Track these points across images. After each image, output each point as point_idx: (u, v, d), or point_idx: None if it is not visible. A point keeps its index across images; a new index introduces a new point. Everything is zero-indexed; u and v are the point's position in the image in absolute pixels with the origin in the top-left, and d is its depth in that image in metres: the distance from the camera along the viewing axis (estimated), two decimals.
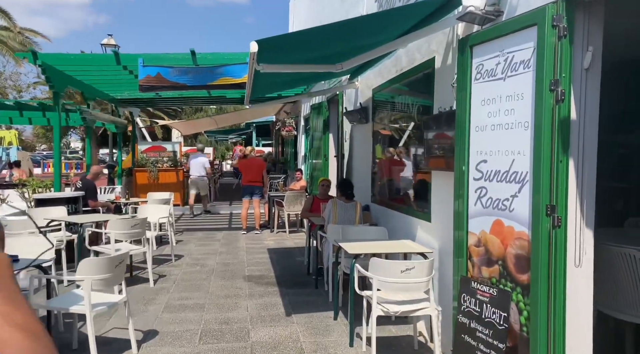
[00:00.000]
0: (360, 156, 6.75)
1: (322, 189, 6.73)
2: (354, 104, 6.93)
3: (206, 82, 8.14)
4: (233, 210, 12.86)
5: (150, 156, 13.16)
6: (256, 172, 9.41)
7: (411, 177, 4.87)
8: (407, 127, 4.99)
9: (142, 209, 6.82)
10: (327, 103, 9.18)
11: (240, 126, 28.64)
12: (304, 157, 12.93)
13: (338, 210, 5.45)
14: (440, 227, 3.97)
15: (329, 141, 9.27)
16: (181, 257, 7.19)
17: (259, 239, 8.84)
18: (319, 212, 6.35)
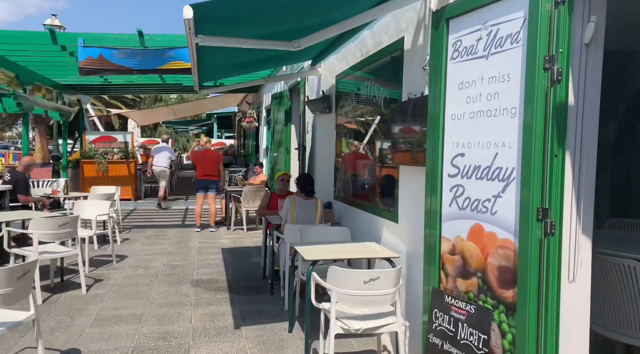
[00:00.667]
0: (323, 149, 6.26)
1: (281, 185, 6.19)
2: (317, 93, 6.41)
3: (155, 66, 7.43)
4: (189, 205, 12.14)
5: (99, 147, 12.24)
6: (212, 165, 8.76)
7: (377, 172, 4.41)
8: (373, 118, 4.52)
9: (79, 205, 6.09)
10: (289, 92, 8.63)
11: (201, 117, 27.64)
12: (266, 149, 12.34)
13: (297, 208, 4.93)
14: (409, 228, 3.52)
15: (290, 133, 8.74)
16: (124, 258, 6.51)
17: (214, 237, 8.23)
18: (277, 210, 5.82)
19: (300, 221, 4.90)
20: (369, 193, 4.65)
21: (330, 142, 5.77)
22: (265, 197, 6.24)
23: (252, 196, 8.71)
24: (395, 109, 3.59)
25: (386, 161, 4.16)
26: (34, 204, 6.83)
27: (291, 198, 5.01)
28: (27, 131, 8.76)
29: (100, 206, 6.07)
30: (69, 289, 5.04)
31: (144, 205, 12.05)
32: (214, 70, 5.29)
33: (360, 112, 4.90)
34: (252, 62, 5.27)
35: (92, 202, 6.26)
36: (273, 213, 5.84)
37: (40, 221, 4.56)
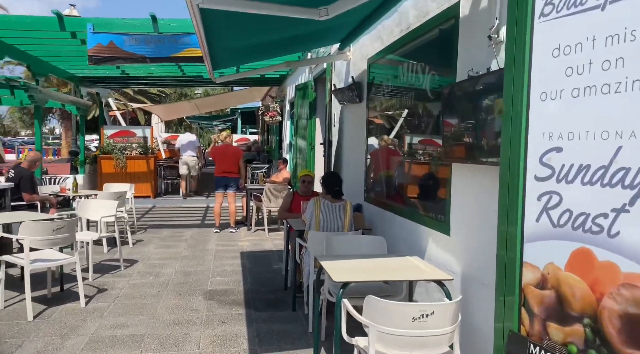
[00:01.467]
0: (352, 144, 5.55)
1: (303, 186, 5.50)
2: (345, 80, 5.70)
3: (169, 53, 6.85)
4: (210, 203, 11.60)
5: (118, 142, 11.82)
6: (231, 161, 8.16)
7: (419, 171, 3.69)
8: (415, 106, 3.78)
9: (83, 206, 5.55)
10: (314, 82, 7.95)
11: (226, 112, 27.23)
12: (289, 145, 11.70)
13: (322, 212, 4.25)
14: (466, 244, 2.79)
15: (315, 127, 8.06)
16: (134, 263, 5.95)
17: (233, 239, 7.63)
18: (300, 212, 5.16)
19: (326, 226, 4.21)
20: (409, 196, 3.92)
21: (361, 135, 5.06)
22: (286, 198, 5.57)
23: (273, 195, 8.07)
24: (449, 91, 2.85)
25: (431, 158, 3.43)
26: (41, 203, 6.35)
27: (316, 200, 4.32)
28: (40, 125, 8.33)
29: (107, 206, 5.51)
30: (67, 301, 4.48)
31: (163, 202, 11.58)
32: (228, 54, 4.65)
33: (398, 99, 4.17)
34: (271, 44, 4.60)
35: (98, 202, 5.72)
36: (295, 216, 5.19)
37: (31, 225, 4.00)
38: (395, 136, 4.29)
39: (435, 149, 3.36)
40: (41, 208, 6.27)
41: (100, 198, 6.50)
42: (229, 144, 8.51)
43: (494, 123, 2.29)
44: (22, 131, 47.90)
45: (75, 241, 4.34)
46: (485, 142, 2.47)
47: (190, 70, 10.69)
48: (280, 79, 12.35)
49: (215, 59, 4.62)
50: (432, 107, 3.41)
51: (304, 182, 5.51)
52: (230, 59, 5.00)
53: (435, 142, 3.39)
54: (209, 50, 4.31)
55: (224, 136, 8.52)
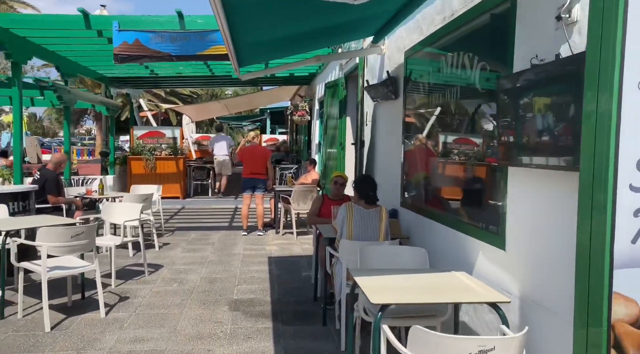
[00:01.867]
0: (386, 144, 5.19)
1: (335, 189, 5.17)
2: (379, 76, 5.34)
3: (195, 51, 6.63)
4: (239, 204, 11.41)
5: (147, 143, 11.77)
6: (259, 162, 7.90)
7: (466, 174, 3.30)
8: (460, 102, 3.39)
9: (107, 209, 5.37)
10: (345, 80, 7.61)
11: (255, 112, 27.17)
12: (318, 145, 11.39)
13: (355, 218, 3.90)
14: (525, 260, 2.40)
15: (345, 126, 7.72)
16: (159, 268, 5.75)
17: (261, 242, 7.36)
18: (330, 217, 4.84)
19: (359, 235, 3.86)
20: (452, 202, 3.54)
21: (396, 135, 4.69)
22: (316, 202, 5.25)
23: (302, 197, 7.78)
24: (507, 84, 2.46)
25: (478, 160, 3.04)
26: (66, 205, 6.23)
27: (348, 206, 3.98)
28: (69, 126, 8.29)
29: (131, 209, 5.32)
30: (88, 310, 4.29)
31: (192, 203, 11.47)
32: (254, 49, 4.36)
33: (439, 95, 3.78)
34: (299, 37, 4.29)
35: (122, 205, 5.54)
36: (325, 221, 4.86)
37: (49, 231, 3.81)
38: (436, 134, 3.91)
39: (483, 149, 2.97)
40: (66, 211, 6.16)
41: (126, 201, 6.34)
42: (257, 145, 8.26)
43: (567, 119, 1.90)
44: (60, 132, 49.26)
45: (95, 248, 4.13)
46: (553, 141, 2.08)
47: (219, 69, 10.53)
48: (310, 78, 12.07)
49: (240, 55, 4.35)
50: (481, 103, 3.02)
51: (336, 184, 5.18)
52: (257, 54, 4.72)
53: (481, 142, 2.99)
54: (234, 46, 4.04)
55: (252, 136, 8.28)
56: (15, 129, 6.54)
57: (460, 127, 3.45)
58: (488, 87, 2.88)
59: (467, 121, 3.28)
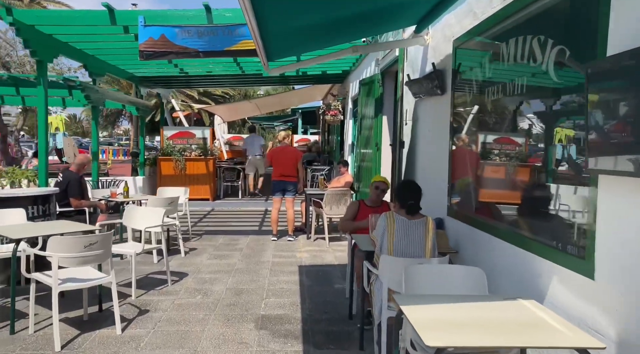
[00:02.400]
0: (430, 145, 4.67)
1: (375, 195, 4.69)
2: (421, 70, 4.83)
3: (223, 46, 6.27)
4: (269, 206, 11.07)
5: (177, 143, 11.58)
6: (289, 163, 7.50)
7: (535, 182, 2.77)
8: (525, 96, 2.86)
9: (128, 214, 5.06)
10: (381, 76, 7.11)
11: (286, 112, 26.92)
12: (351, 146, 10.92)
13: (397, 230, 3.41)
14: (623, 294, 1.87)
15: (381, 126, 7.22)
16: (183, 277, 5.41)
17: (291, 249, 6.95)
18: (367, 226, 4.37)
19: (401, 250, 3.37)
20: (516, 213, 3.01)
21: (442, 134, 4.17)
22: (351, 208, 4.78)
23: (335, 201, 7.33)
24: (600, 70, 1.93)
25: (551, 165, 2.51)
26: (90, 209, 5.99)
27: (388, 216, 3.49)
28: (97, 125, 8.10)
29: (153, 215, 4.99)
30: (104, 325, 3.96)
31: (222, 205, 11.20)
32: (283, 40, 3.93)
33: (498, 89, 3.25)
34: (333, 26, 3.83)
35: (144, 210, 5.21)
36: (360, 227, 4.41)
37: (60, 241, 3.49)
38: (493, 134, 3.38)
39: (560, 153, 2.44)
40: (90, 214, 5.91)
41: (150, 204, 6.04)
42: (287, 145, 7.86)
43: None
44: (101, 133, 50.20)
45: (111, 258, 3.80)
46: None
47: (250, 67, 10.20)
48: (343, 76, 11.60)
49: (269, 46, 3.93)
50: (555, 95, 2.49)
51: (376, 189, 4.69)
52: (286, 47, 4.29)
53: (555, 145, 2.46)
54: (261, 36, 3.63)
55: (282, 136, 7.88)
56: (40, 129, 6.35)
57: (525, 126, 2.92)
58: (567, 76, 2.35)
59: (536, 118, 2.75)
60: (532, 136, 2.83)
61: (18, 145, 20.64)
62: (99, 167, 11.42)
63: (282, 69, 4.83)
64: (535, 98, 2.75)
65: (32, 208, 4.94)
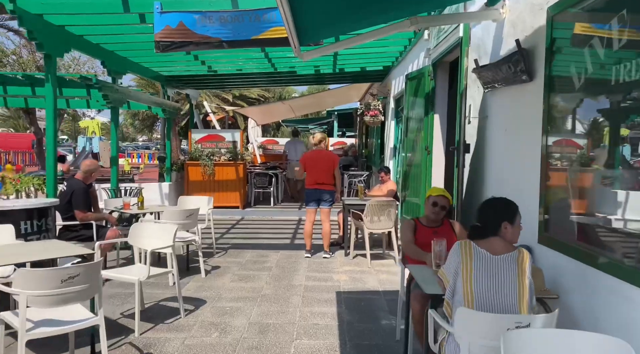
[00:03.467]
0: (508, 147, 3.64)
1: (432, 212, 3.68)
2: (493, 53, 3.81)
3: (250, 35, 5.42)
4: (302, 215, 10.19)
5: (205, 147, 10.87)
6: (325, 169, 6.59)
7: None
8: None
9: (135, 232, 4.24)
10: (433, 68, 6.10)
11: (322, 115, 26.06)
12: (393, 150, 9.90)
13: (477, 269, 2.42)
14: None
15: (433, 126, 6.19)
16: (200, 306, 4.57)
17: (327, 268, 6.02)
18: (426, 249, 3.40)
19: (484, 298, 2.36)
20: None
21: (530, 134, 3.14)
22: (407, 229, 3.78)
23: (378, 212, 6.35)
24: None
25: None
26: (99, 222, 5.24)
27: (464, 246, 2.49)
28: (117, 128, 7.42)
29: (163, 233, 4.16)
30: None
31: (252, 214, 10.40)
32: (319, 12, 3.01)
33: (628, 68, 2.21)
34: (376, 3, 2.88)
35: (154, 227, 4.37)
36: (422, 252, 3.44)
37: (30, 275, 2.68)
38: (621, 131, 2.34)
39: None
40: (99, 228, 5.16)
41: (166, 217, 5.25)
42: (323, 149, 6.93)
43: None
44: (140, 137, 50.68)
45: (99, 295, 2.97)
46: None
47: (283, 64, 9.38)
48: (384, 73, 10.61)
49: (300, 21, 3.03)
50: None
51: (434, 205, 3.68)
52: (322, 22, 3.36)
53: None
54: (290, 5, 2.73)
55: (318, 138, 6.95)
56: (49, 132, 5.67)
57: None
58: None
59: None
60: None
61: None
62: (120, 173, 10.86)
63: (316, 53, 3.90)
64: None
65: (25, 224, 4.22)
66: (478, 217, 2.57)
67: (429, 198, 3.77)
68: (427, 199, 3.80)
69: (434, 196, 3.74)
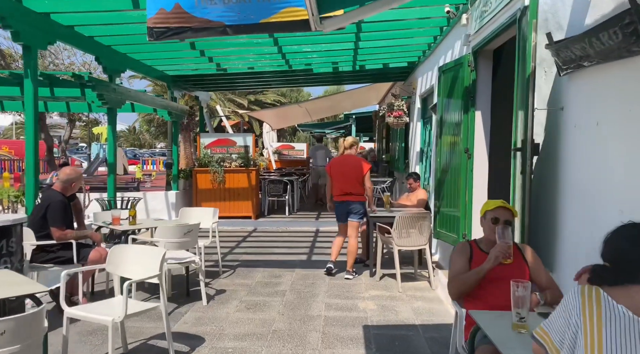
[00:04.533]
0: (603, 148, 2.69)
1: (493, 230, 2.74)
2: (571, 25, 2.88)
3: (259, 17, 4.57)
4: (320, 226, 9.32)
5: (216, 152, 10.08)
6: (352, 177, 5.74)
7: None
8: None
9: (114, 256, 3.40)
10: (474, 56, 5.18)
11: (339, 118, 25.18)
12: (420, 153, 8.97)
13: (609, 334, 1.51)
14: None
15: (473, 124, 5.26)
16: (197, 346, 3.69)
17: (351, 293, 5.11)
18: (491, 284, 2.48)
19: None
20: None
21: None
22: (459, 255, 2.85)
23: (409, 226, 5.44)
24: None
25: None
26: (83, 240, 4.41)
27: (589, 295, 1.57)
28: (114, 131, 6.65)
29: (148, 259, 3.31)
30: None
31: (266, 224, 9.54)
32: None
33: None
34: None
35: (136, 251, 3.51)
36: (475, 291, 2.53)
37: None
38: None
39: None
40: (80, 248, 4.34)
41: (159, 235, 4.41)
42: (351, 155, 6.01)
43: None
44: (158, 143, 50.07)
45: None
46: None
47: (297, 61, 8.55)
48: (408, 70, 9.70)
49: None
50: None
51: (495, 222, 2.75)
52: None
53: None
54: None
55: (350, 142, 6.02)
56: (28, 136, 4.91)
57: None
58: None
59: None
60: None
61: (65, 156, 20.14)
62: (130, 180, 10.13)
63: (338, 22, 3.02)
64: None
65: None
66: (606, 252, 1.66)
67: (486, 215, 2.85)
68: (483, 217, 2.88)
69: (491, 211, 2.81)
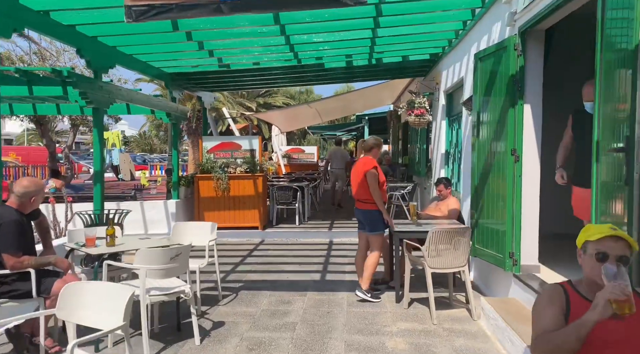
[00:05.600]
0: None
1: (600, 271, 1.83)
2: None
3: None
4: (334, 237, 8.43)
5: (219, 157, 9.24)
6: (357, 182, 4.91)
7: None
8: None
9: (67, 296, 2.54)
10: (521, 38, 4.27)
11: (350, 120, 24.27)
12: (445, 155, 8.05)
13: None
14: None
15: (521, 120, 4.35)
16: None
17: (375, 327, 4.20)
18: (594, 347, 1.57)
19: None
20: None
21: None
22: (548, 304, 1.94)
23: (443, 242, 4.51)
24: None
25: None
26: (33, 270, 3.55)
27: None
28: (100, 134, 5.82)
29: (114, 299, 2.44)
30: None
31: (274, 235, 8.67)
32: None
33: None
34: None
35: (95, 290, 2.64)
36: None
37: None
38: None
39: None
40: (42, 277, 3.49)
41: (140, 260, 3.55)
42: (366, 157, 5.13)
43: None
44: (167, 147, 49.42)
45: None
46: None
47: (307, 53, 7.69)
48: (429, 64, 8.79)
49: None
50: None
51: (601, 259, 1.86)
52: None
53: None
54: None
55: (370, 145, 5.14)
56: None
57: None
58: None
59: None
60: None
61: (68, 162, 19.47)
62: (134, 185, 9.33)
63: None
64: None
65: None
66: None
67: (586, 247, 1.95)
68: (582, 248, 1.97)
69: (596, 242, 1.91)
